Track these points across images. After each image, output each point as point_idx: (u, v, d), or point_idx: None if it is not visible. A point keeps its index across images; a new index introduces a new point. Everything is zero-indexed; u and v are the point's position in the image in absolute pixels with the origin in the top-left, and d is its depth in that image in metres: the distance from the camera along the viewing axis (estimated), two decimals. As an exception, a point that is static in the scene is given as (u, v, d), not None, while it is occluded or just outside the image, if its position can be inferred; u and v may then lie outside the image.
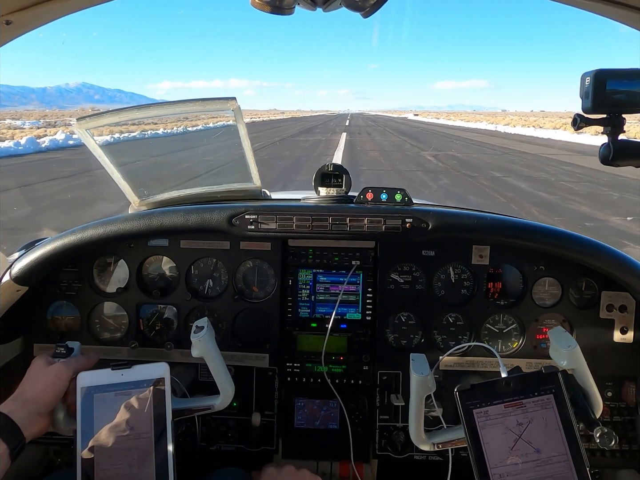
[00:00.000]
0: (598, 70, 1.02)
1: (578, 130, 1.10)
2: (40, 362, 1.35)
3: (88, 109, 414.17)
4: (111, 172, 1.73)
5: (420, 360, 1.37)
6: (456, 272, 1.75)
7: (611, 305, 1.68)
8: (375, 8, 1.02)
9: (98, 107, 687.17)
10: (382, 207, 1.66)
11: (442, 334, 1.76)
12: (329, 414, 1.77)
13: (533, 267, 1.71)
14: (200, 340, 1.38)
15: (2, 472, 1.14)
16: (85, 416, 1.30)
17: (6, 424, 1.18)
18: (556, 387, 1.16)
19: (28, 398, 1.27)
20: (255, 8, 1.01)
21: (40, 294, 1.75)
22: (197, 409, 1.44)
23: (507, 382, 1.17)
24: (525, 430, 1.14)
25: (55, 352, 1.41)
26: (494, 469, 1.12)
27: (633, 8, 1.03)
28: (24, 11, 1.05)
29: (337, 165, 1.79)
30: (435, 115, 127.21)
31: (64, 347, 1.43)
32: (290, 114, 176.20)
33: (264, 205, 1.66)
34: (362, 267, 1.76)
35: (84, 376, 1.34)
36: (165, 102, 1.67)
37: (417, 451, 1.74)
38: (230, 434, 1.77)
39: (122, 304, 1.78)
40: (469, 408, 1.16)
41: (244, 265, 1.78)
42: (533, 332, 1.73)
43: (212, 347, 1.41)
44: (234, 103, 1.58)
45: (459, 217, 1.61)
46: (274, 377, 1.77)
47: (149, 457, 1.27)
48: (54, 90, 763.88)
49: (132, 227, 1.62)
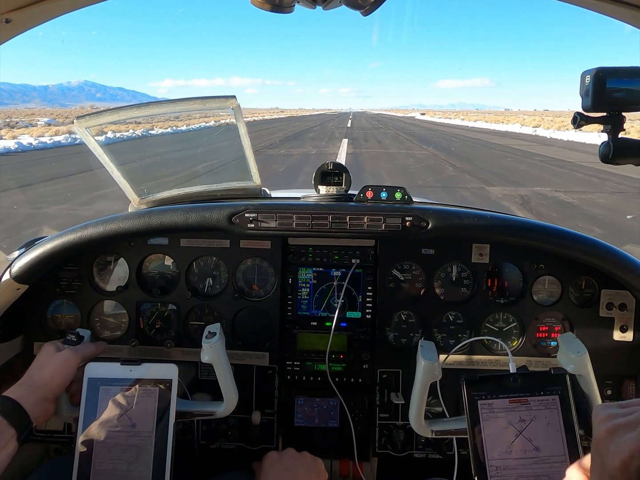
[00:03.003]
0: (598, 69, 1.02)
1: (578, 128, 1.10)
2: (49, 349, 1.37)
3: (87, 107, 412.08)
4: (111, 170, 1.73)
5: (430, 347, 1.39)
6: (456, 271, 1.75)
7: (611, 304, 1.68)
8: (374, 6, 1.02)
9: (99, 105, 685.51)
10: (382, 206, 1.66)
11: (442, 333, 1.76)
12: (329, 412, 1.77)
13: (533, 266, 1.71)
14: (211, 347, 1.39)
15: (10, 457, 1.16)
16: (89, 407, 1.31)
17: (15, 409, 1.20)
18: (562, 389, 1.17)
19: (36, 383, 1.29)
20: (255, 6, 1.01)
21: (40, 293, 1.75)
22: (200, 414, 1.45)
23: (515, 378, 1.18)
24: (527, 427, 1.15)
25: (66, 339, 1.43)
26: (491, 460, 1.13)
27: (634, 7, 1.03)
28: (23, 9, 1.05)
29: (337, 164, 1.79)
30: (444, 115, 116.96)
31: (75, 335, 1.44)
32: (291, 112, 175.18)
33: (264, 204, 1.66)
34: (362, 265, 1.76)
35: (92, 367, 1.35)
36: (165, 100, 1.67)
37: (417, 449, 1.75)
38: (231, 433, 1.77)
39: (122, 302, 1.78)
40: (474, 399, 1.17)
41: (244, 263, 1.78)
42: (533, 331, 1.73)
43: (222, 355, 1.42)
44: (233, 101, 1.58)
45: (459, 216, 1.61)
46: (274, 376, 1.78)
47: (147, 455, 1.28)
48: (56, 89, 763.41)
49: (132, 225, 1.62)
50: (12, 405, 1.21)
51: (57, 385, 1.31)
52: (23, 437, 1.19)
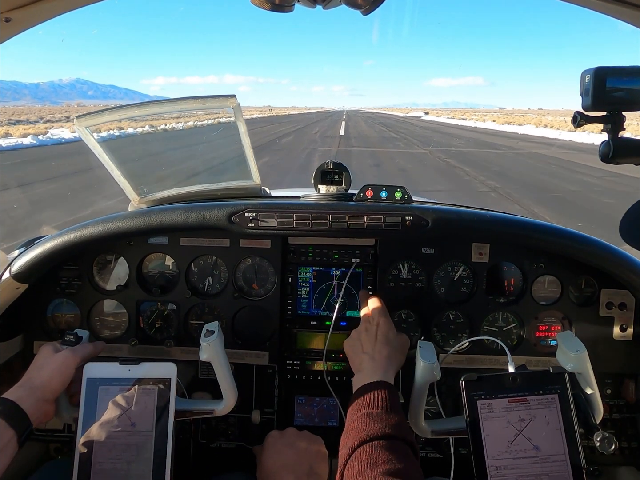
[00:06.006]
0: (598, 68, 1.02)
1: (578, 127, 1.10)
2: (47, 350, 1.37)
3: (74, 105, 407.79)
4: (111, 169, 1.73)
5: (428, 348, 1.39)
6: (456, 270, 1.75)
7: (611, 303, 1.68)
8: (374, 5, 1.02)
9: (89, 103, 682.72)
10: (381, 205, 1.66)
11: (441, 332, 1.76)
12: (329, 412, 1.78)
13: (533, 265, 1.71)
14: (210, 345, 1.39)
15: (10, 458, 1.16)
16: (88, 407, 1.31)
17: (14, 411, 1.20)
18: (562, 388, 1.17)
19: (35, 385, 1.28)
20: (255, 5, 1.01)
21: (40, 292, 1.75)
22: (199, 412, 1.45)
23: (514, 378, 1.18)
24: (527, 427, 1.15)
25: (64, 340, 1.43)
26: (491, 460, 1.13)
27: (634, 6, 1.03)
28: (23, 8, 1.05)
29: (337, 163, 1.79)
30: (451, 114, 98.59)
31: (73, 336, 1.44)
32: (281, 110, 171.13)
33: (263, 203, 1.66)
34: (362, 264, 1.76)
35: (90, 367, 1.35)
36: (165, 99, 1.67)
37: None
38: (230, 432, 1.78)
39: (122, 301, 1.78)
40: (473, 399, 1.17)
41: (244, 262, 1.78)
42: (533, 330, 1.73)
43: (221, 353, 1.42)
44: (233, 100, 1.58)
45: (459, 215, 1.61)
46: (274, 375, 1.78)
47: (147, 454, 1.28)
48: (47, 86, 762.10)
49: (132, 224, 1.62)
50: (12, 406, 1.20)
51: (56, 386, 1.31)
52: (23, 439, 1.19)
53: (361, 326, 1.51)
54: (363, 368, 1.37)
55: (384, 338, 1.43)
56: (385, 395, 1.21)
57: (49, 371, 1.31)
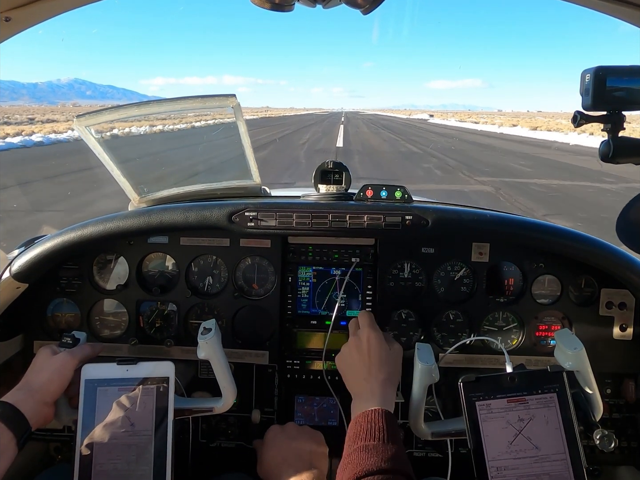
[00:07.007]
0: (598, 67, 1.02)
1: (578, 127, 1.10)
2: (45, 352, 1.37)
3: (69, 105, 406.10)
4: (111, 169, 1.73)
5: (426, 350, 1.39)
6: (456, 270, 1.75)
7: (611, 303, 1.68)
8: (374, 5, 1.02)
9: (87, 103, 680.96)
10: (381, 204, 1.66)
11: (441, 331, 1.76)
12: (329, 411, 1.78)
13: (533, 265, 1.71)
14: (207, 343, 1.39)
15: (10, 461, 1.16)
16: (87, 408, 1.31)
17: (13, 414, 1.20)
18: (560, 387, 1.17)
19: (34, 388, 1.28)
20: (255, 4, 1.01)
21: (40, 291, 1.75)
22: (198, 410, 1.45)
23: (512, 378, 1.18)
24: (526, 427, 1.15)
25: (62, 342, 1.42)
26: (491, 461, 1.13)
27: (634, 5, 1.03)
28: (23, 8, 1.05)
29: (337, 163, 1.79)
30: (459, 116, 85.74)
31: (71, 338, 1.44)
32: (278, 112, 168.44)
33: (263, 203, 1.66)
34: (361, 264, 1.76)
35: (88, 368, 1.35)
36: (165, 99, 1.67)
37: (417, 448, 1.75)
38: (230, 431, 1.78)
39: (122, 301, 1.78)
40: (471, 400, 1.16)
41: (244, 262, 1.78)
42: (532, 329, 1.73)
43: (219, 350, 1.42)
44: (233, 100, 1.58)
45: (459, 215, 1.61)
46: (274, 374, 1.78)
47: (147, 454, 1.28)
48: (45, 86, 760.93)
49: (132, 224, 1.62)
50: (10, 410, 1.20)
51: (55, 389, 1.30)
52: (22, 442, 1.19)
53: (350, 341, 1.44)
54: (360, 393, 1.32)
55: (378, 359, 1.36)
56: (382, 425, 1.18)
57: (48, 374, 1.30)
